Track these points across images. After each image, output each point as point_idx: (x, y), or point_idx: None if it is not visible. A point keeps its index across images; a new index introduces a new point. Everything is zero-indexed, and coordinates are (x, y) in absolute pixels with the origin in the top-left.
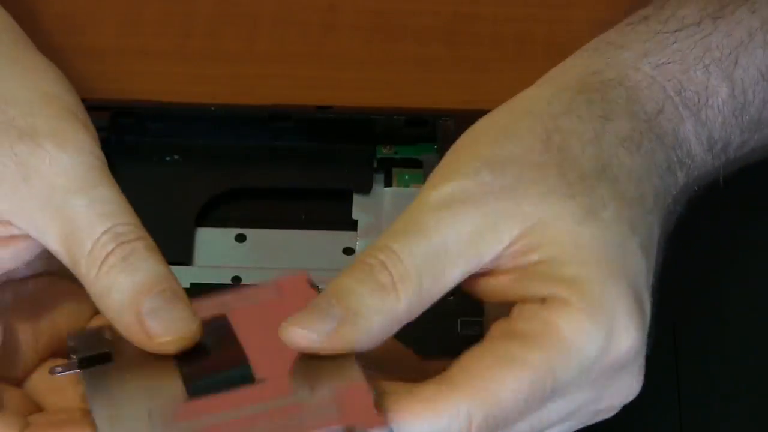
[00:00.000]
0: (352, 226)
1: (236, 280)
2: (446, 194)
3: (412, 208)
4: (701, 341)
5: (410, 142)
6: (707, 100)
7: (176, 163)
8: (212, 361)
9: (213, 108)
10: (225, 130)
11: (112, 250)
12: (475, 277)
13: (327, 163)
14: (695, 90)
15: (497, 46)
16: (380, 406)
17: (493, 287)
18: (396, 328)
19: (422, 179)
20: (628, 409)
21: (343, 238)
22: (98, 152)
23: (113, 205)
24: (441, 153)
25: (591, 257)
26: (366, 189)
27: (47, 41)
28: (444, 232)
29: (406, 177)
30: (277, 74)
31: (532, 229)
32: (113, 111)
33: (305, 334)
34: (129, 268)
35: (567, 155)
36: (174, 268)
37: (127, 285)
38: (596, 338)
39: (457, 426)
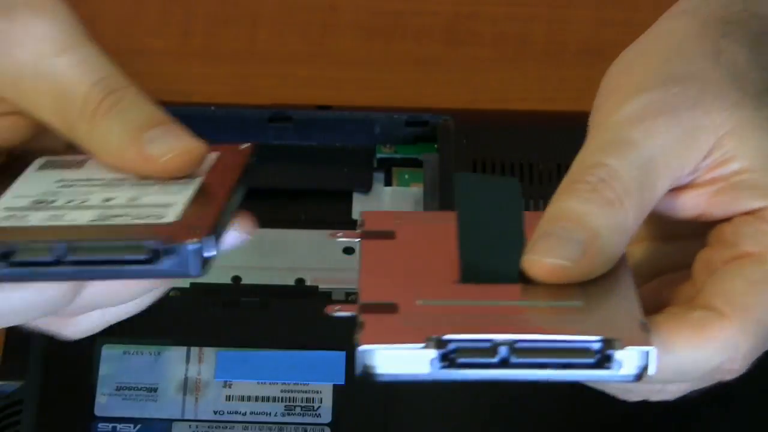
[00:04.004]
0: (352, 225)
1: (236, 279)
2: (640, 107)
3: (605, 126)
4: None
5: (410, 142)
6: None
7: None
8: (489, 253)
9: (213, 108)
10: (225, 130)
11: (103, 98)
12: (671, 192)
13: (327, 163)
14: None
15: (497, 46)
16: (645, 325)
17: (693, 202)
18: (626, 244)
19: (422, 179)
20: (629, 409)
21: None
22: (75, 15)
23: (98, 61)
24: (441, 153)
25: None
26: (366, 189)
27: None
28: (651, 143)
29: (406, 176)
30: (277, 74)
31: (727, 138)
32: None
33: (556, 263)
34: (123, 112)
35: (738, 73)
36: None
37: (124, 126)
38: None
39: (726, 356)
